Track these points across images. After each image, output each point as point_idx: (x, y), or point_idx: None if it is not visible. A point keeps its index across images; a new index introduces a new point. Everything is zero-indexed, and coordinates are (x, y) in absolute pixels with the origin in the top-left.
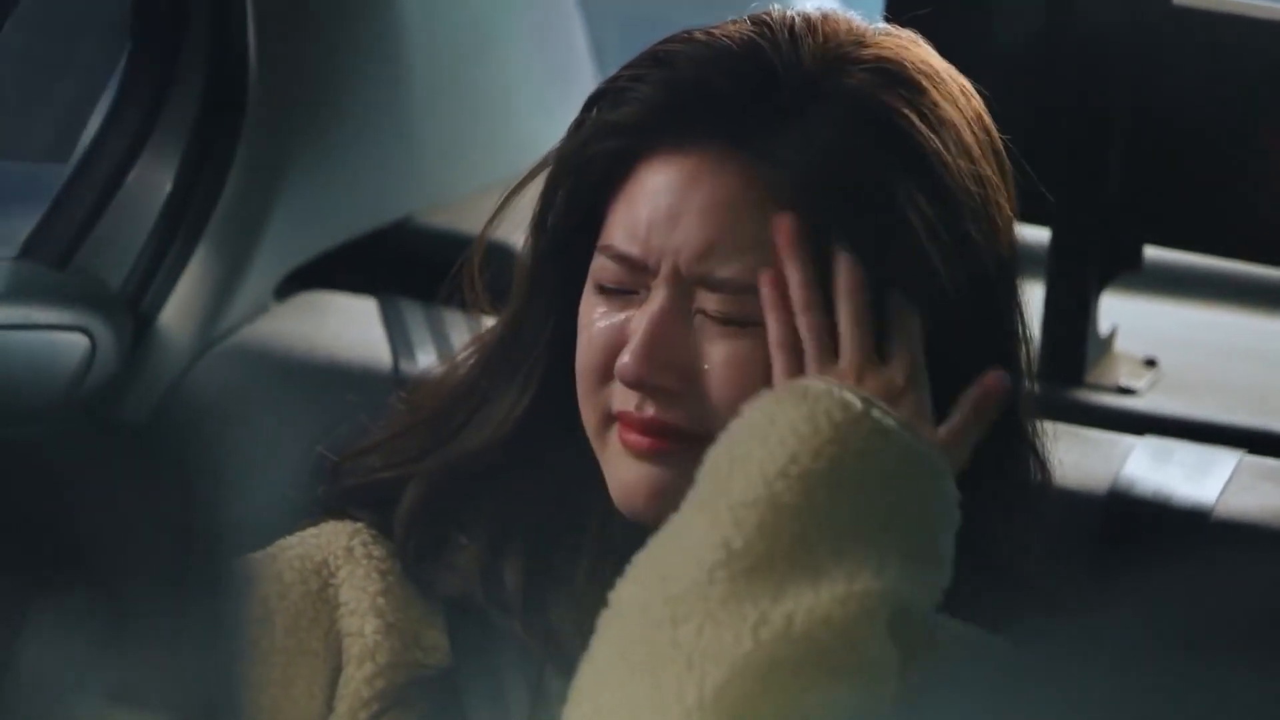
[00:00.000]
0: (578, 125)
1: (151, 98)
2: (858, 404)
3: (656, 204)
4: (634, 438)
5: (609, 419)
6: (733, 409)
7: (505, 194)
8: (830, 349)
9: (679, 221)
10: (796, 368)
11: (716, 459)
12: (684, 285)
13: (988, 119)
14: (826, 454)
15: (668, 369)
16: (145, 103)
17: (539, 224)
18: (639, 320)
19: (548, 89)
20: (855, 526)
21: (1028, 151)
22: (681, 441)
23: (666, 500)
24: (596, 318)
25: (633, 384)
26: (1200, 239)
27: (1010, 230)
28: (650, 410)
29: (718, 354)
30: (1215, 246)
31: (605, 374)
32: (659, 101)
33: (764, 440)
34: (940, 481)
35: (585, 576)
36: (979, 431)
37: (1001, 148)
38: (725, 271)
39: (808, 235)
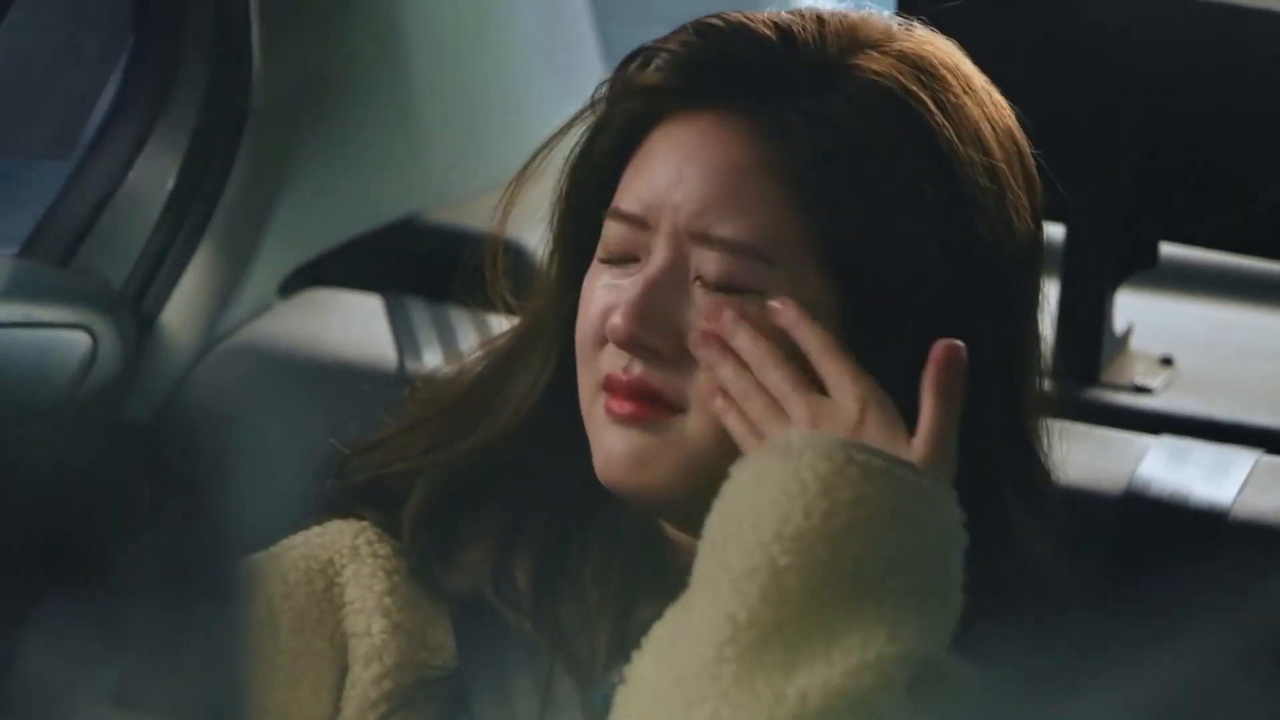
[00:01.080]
0: (608, 86)
1: (154, 93)
2: (840, 452)
3: (666, 164)
4: (616, 403)
5: (599, 388)
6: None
7: (530, 157)
8: (813, 390)
9: (681, 178)
10: (799, 408)
11: (711, 529)
12: (682, 244)
13: (1019, 134)
14: (818, 509)
15: (659, 331)
16: (148, 98)
17: (561, 194)
18: (635, 281)
19: (555, 86)
20: (861, 576)
21: (1042, 147)
22: (664, 411)
23: (646, 471)
24: (598, 286)
25: (622, 342)
26: (1217, 236)
27: (1028, 235)
28: (637, 370)
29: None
30: (1232, 243)
31: (600, 339)
32: (680, 64)
33: (754, 505)
34: (938, 505)
35: (594, 575)
36: (955, 415)
37: (1031, 161)
38: (723, 230)
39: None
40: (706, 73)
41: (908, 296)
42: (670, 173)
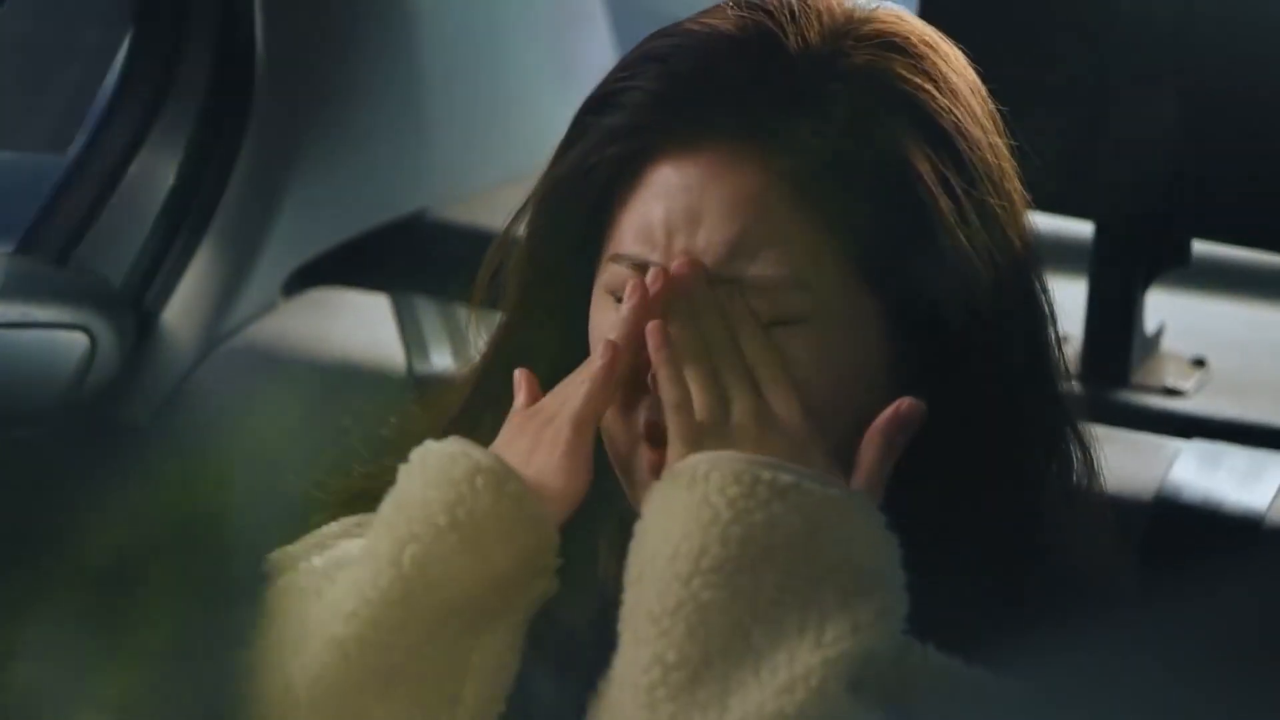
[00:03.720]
0: (574, 134)
1: (155, 86)
2: (748, 472)
3: (672, 206)
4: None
5: (638, 436)
6: None
7: (508, 222)
8: (719, 404)
9: (700, 223)
10: (689, 428)
11: (629, 566)
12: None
13: (983, 87)
14: (734, 536)
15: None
16: (148, 91)
17: (536, 238)
18: None
19: (567, 80)
20: (785, 597)
21: (1072, 142)
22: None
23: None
24: (611, 329)
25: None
26: (1251, 233)
27: (1024, 202)
28: None
29: None
30: (1267, 241)
31: (637, 385)
32: (664, 99)
33: (667, 537)
34: (852, 511)
35: (602, 577)
36: (889, 467)
37: (999, 117)
38: (755, 269)
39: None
40: (696, 105)
41: (946, 291)
42: (683, 217)
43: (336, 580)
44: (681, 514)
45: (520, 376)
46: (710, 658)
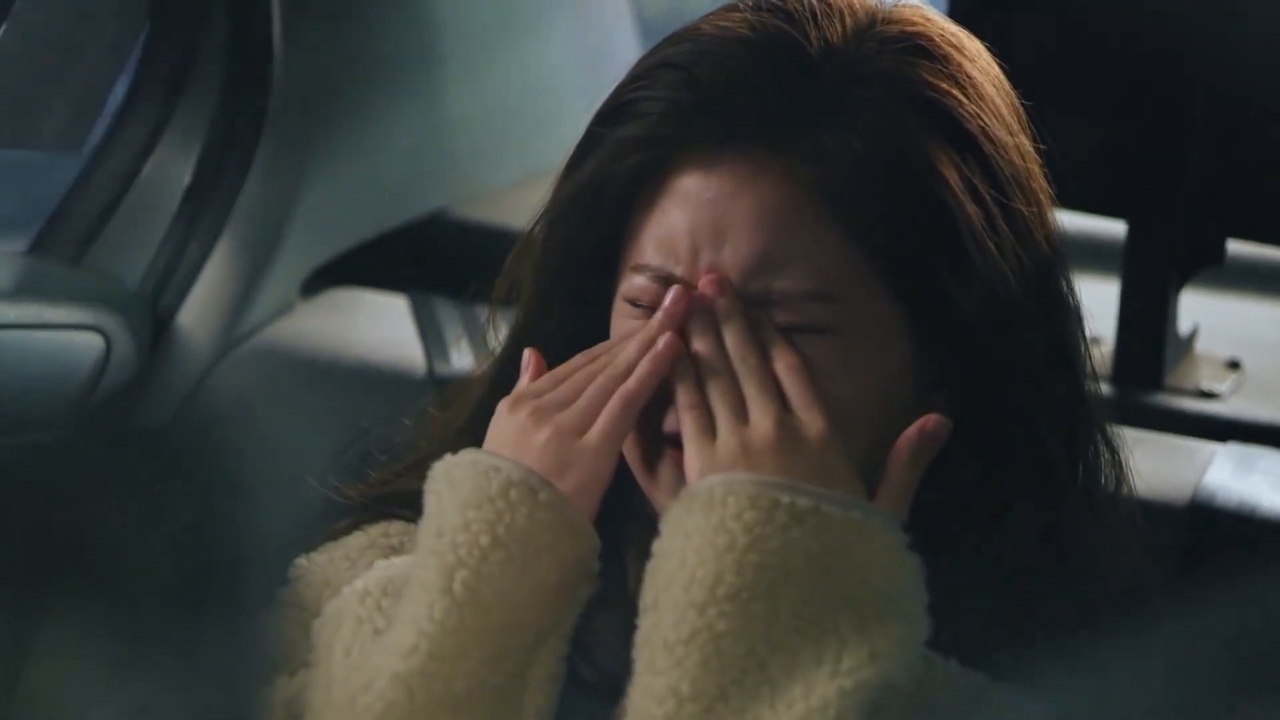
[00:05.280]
0: (589, 144)
1: (171, 83)
2: (765, 496)
3: (697, 219)
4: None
5: (659, 448)
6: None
7: (527, 230)
8: (740, 410)
9: (725, 236)
10: (707, 428)
11: (644, 591)
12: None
13: (1008, 84)
14: (750, 564)
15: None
16: (164, 88)
17: (553, 247)
18: None
19: (590, 75)
20: (801, 624)
21: (1104, 140)
22: None
23: None
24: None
25: None
26: None
27: (1050, 200)
28: None
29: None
30: None
31: (660, 394)
32: (685, 109)
33: (683, 562)
34: (872, 534)
35: (624, 578)
36: (915, 482)
37: (1023, 114)
38: (782, 282)
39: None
40: (719, 113)
41: (974, 300)
42: (707, 230)
43: (392, 618)
44: (698, 539)
45: (529, 356)
46: (725, 689)
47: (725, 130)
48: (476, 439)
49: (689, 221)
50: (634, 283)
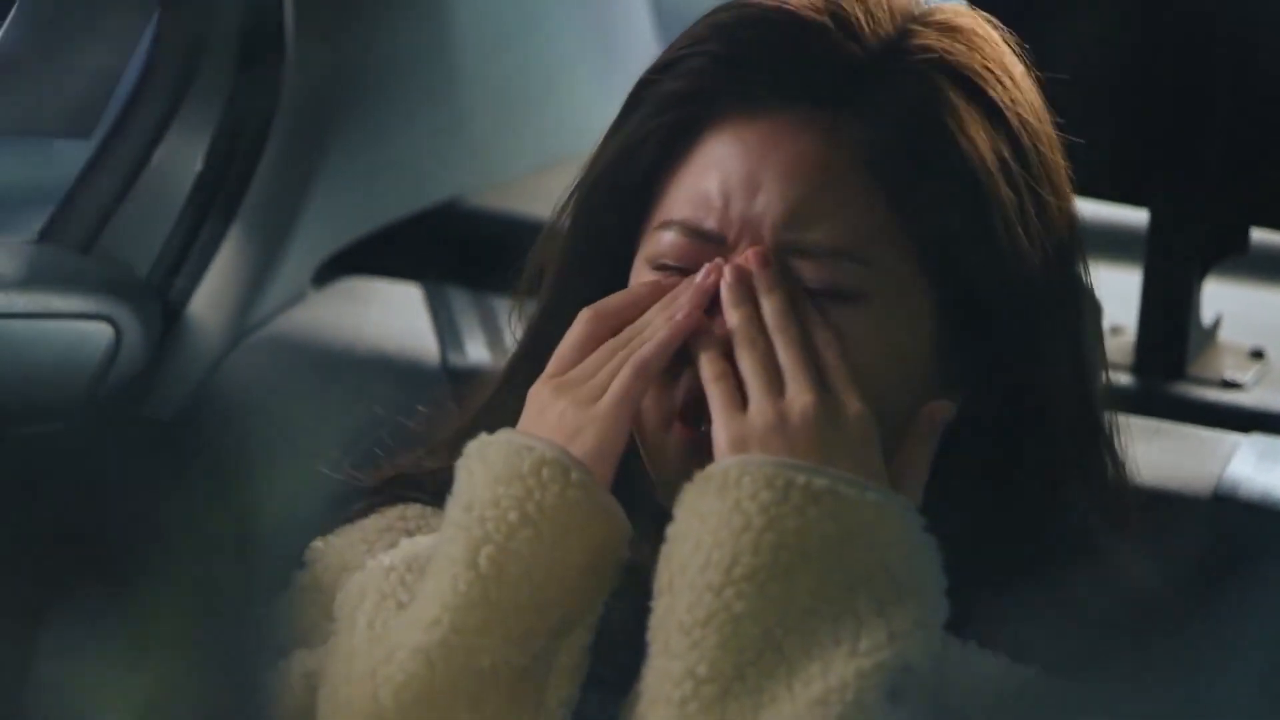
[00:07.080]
0: (632, 103)
1: (182, 69)
2: (781, 476)
3: (730, 172)
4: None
5: (671, 416)
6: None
7: (562, 201)
8: (775, 383)
9: (760, 188)
10: (736, 400)
11: (659, 573)
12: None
13: (1031, 77)
14: (767, 544)
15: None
16: (175, 74)
17: (585, 205)
18: None
19: (606, 62)
20: (819, 605)
21: (1126, 128)
22: None
23: None
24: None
25: None
26: None
27: (1071, 191)
28: None
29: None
30: None
31: (677, 359)
32: (727, 63)
33: (698, 544)
34: (889, 516)
35: (638, 569)
36: (929, 460)
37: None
38: (815, 235)
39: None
40: (760, 73)
41: (998, 286)
42: (741, 182)
43: (416, 592)
44: (713, 521)
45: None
46: (743, 670)
47: (768, 86)
48: (495, 421)
49: (723, 171)
50: (660, 240)
